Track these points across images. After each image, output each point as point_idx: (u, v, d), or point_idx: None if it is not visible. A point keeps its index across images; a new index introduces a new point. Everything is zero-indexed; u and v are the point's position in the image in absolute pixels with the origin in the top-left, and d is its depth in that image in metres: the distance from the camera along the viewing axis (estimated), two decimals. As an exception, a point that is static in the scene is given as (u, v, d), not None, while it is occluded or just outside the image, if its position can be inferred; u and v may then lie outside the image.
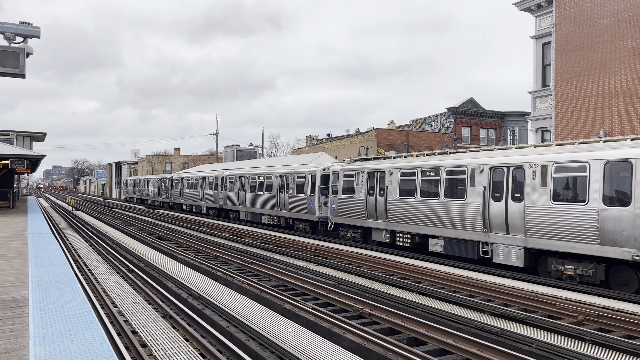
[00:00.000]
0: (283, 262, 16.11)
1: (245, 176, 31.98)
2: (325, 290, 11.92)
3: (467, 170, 15.77)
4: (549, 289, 11.72)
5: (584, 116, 22.16)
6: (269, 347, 7.85)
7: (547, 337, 8.41)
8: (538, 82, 25.87)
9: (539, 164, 13.65)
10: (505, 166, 14.66)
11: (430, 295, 11.59)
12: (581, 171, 12.65)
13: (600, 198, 12.12)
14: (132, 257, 17.68)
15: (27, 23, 11.21)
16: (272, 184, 28.41)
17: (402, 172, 18.55)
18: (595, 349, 8.03)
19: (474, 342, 8.01)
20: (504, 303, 10.79)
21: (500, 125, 50.38)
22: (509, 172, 14.51)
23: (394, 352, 7.58)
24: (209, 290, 11.92)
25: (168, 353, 7.34)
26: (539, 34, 25.79)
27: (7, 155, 30.70)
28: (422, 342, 8.59)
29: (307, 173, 25.15)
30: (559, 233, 12.93)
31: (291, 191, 26.25)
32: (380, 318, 9.67)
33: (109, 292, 11.74)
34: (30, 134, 49.74)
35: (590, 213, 12.25)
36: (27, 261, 11.49)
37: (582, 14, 22.30)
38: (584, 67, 22.16)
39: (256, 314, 9.63)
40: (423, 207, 17.35)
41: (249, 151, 75.60)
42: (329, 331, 8.76)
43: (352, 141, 48.66)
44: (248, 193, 31.22)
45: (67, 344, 5.71)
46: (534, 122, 26.29)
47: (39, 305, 7.42)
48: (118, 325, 8.94)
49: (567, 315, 9.68)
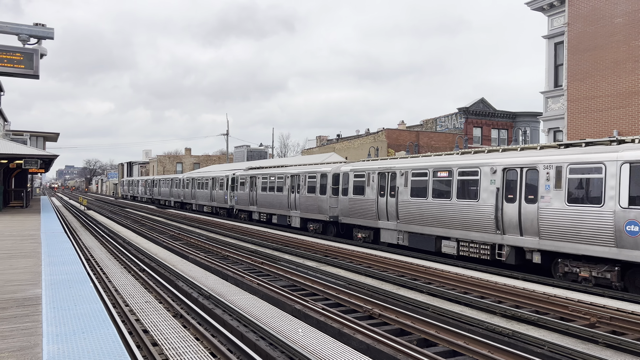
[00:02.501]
0: (293, 262, 16.13)
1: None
2: (335, 291, 11.91)
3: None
4: (560, 291, 11.61)
5: (597, 116, 21.94)
6: (279, 347, 7.87)
7: (559, 340, 8.34)
8: (550, 82, 25.65)
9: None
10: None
11: (441, 296, 11.54)
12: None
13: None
14: (144, 257, 17.81)
15: (41, 25, 11.34)
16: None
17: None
18: (608, 351, 7.95)
19: (485, 343, 7.96)
20: (515, 305, 10.72)
21: (512, 126, 50.02)
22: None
23: (404, 353, 7.56)
24: (220, 289, 11.97)
25: (179, 352, 7.39)
26: (551, 33, 25.58)
27: (21, 155, 31.04)
28: (432, 343, 8.55)
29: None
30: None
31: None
32: (390, 319, 9.65)
33: (120, 291, 11.83)
34: (43, 134, 50.27)
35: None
36: (40, 260, 11.62)
37: (595, 13, 22.08)
38: (597, 67, 21.94)
39: (266, 314, 9.65)
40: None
41: (259, 151, 75.83)
42: (339, 331, 8.75)
43: (362, 141, 48.58)
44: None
45: (79, 342, 5.76)
46: (546, 123, 26.08)
47: (52, 303, 7.51)
48: (129, 324, 9.01)
49: (579, 317, 9.59)
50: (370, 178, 20.69)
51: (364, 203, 20.93)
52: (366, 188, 20.87)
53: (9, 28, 11.45)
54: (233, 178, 35.63)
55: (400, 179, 18.90)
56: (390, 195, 19.41)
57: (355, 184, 21.65)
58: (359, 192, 21.35)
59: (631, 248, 11.53)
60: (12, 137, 42.05)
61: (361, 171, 21.39)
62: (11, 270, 10.28)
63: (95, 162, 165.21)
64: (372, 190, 20.45)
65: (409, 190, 18.44)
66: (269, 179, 30.23)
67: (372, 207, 20.39)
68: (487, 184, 15.32)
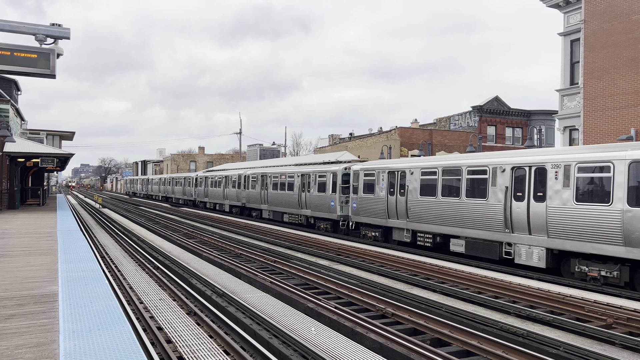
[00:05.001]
0: (305, 261, 16.15)
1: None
2: (347, 290, 11.91)
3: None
4: (576, 291, 11.48)
5: (614, 114, 21.63)
6: (292, 345, 7.89)
7: (575, 340, 8.25)
8: (566, 79, 25.34)
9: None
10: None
11: (454, 295, 11.48)
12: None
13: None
14: (158, 254, 17.96)
15: (58, 25, 11.45)
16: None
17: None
18: (625, 352, 7.84)
19: (499, 343, 7.90)
20: (529, 305, 10.62)
21: (527, 124, 49.50)
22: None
23: (417, 352, 7.53)
24: (233, 287, 12.03)
25: (193, 349, 7.44)
26: (567, 30, 25.26)
27: (38, 153, 31.50)
28: (446, 343, 8.51)
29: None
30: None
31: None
32: (403, 318, 9.62)
33: (135, 289, 11.95)
34: (59, 133, 50.94)
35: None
36: (56, 257, 11.77)
37: (613, 10, 21.75)
38: (614, 64, 21.63)
39: (279, 312, 9.68)
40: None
41: (271, 150, 76.07)
42: (352, 330, 8.75)
43: (375, 140, 48.43)
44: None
45: (95, 338, 5.83)
46: (561, 121, 25.78)
47: (69, 300, 7.60)
48: (144, 321, 9.10)
49: (595, 318, 9.48)
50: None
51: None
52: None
53: (26, 28, 11.59)
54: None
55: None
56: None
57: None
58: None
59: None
60: (29, 136, 42.69)
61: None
62: (28, 267, 10.43)
63: (110, 160, 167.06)
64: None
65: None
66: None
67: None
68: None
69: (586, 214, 12.67)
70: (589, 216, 12.59)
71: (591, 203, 12.65)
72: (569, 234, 13.02)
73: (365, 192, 21.65)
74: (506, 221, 14.83)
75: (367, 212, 21.46)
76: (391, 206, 19.92)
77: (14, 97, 40.48)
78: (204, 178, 46.28)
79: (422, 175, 18.48)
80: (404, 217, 19.22)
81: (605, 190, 12.39)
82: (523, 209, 14.38)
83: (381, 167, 20.97)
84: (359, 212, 22.05)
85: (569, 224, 13.03)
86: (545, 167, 13.87)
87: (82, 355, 5.31)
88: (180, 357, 7.27)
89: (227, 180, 39.51)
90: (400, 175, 19.64)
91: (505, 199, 14.91)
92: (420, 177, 18.54)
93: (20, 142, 30.77)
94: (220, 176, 41.42)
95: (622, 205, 11.88)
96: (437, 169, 17.81)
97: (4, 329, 6.25)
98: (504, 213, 14.90)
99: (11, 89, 39.18)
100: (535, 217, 13.98)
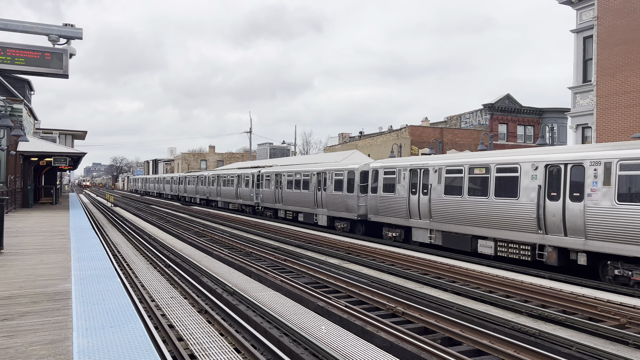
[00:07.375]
0: (316, 260, 16.16)
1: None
2: (358, 288, 11.90)
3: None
4: (589, 291, 11.38)
5: (628, 112, 21.37)
6: (303, 344, 7.91)
7: (588, 340, 8.17)
8: (579, 77, 25.09)
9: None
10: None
11: (465, 295, 11.42)
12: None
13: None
14: (169, 253, 18.08)
15: (70, 25, 11.57)
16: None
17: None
18: (638, 352, 7.76)
19: (511, 343, 7.85)
20: (541, 304, 10.54)
21: (538, 122, 49.05)
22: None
23: (428, 351, 7.51)
24: (243, 286, 12.08)
25: (204, 347, 7.49)
26: (579, 27, 25.00)
27: (51, 152, 31.86)
28: (456, 342, 8.48)
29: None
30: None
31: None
32: (413, 317, 9.59)
33: (146, 287, 12.05)
34: (72, 132, 51.45)
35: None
36: (69, 255, 11.90)
37: (626, 6, 21.48)
38: (628, 62, 21.37)
39: (289, 310, 9.70)
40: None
41: (281, 149, 76.17)
42: (362, 329, 8.75)
43: (385, 139, 48.31)
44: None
45: (108, 336, 5.89)
46: (574, 119, 25.53)
47: (82, 298, 7.68)
48: (156, 319, 9.17)
49: (608, 317, 9.38)
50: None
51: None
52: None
53: (40, 29, 11.73)
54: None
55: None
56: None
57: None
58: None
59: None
60: (42, 135, 43.14)
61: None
62: (42, 265, 10.56)
63: (121, 159, 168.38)
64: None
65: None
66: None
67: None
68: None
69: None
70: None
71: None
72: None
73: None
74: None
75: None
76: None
77: (27, 97, 40.91)
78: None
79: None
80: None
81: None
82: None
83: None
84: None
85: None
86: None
87: (96, 352, 5.37)
88: (192, 355, 7.32)
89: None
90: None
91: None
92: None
93: (33, 142, 31.11)
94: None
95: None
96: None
97: (19, 326, 6.34)
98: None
99: (24, 89, 39.61)
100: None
